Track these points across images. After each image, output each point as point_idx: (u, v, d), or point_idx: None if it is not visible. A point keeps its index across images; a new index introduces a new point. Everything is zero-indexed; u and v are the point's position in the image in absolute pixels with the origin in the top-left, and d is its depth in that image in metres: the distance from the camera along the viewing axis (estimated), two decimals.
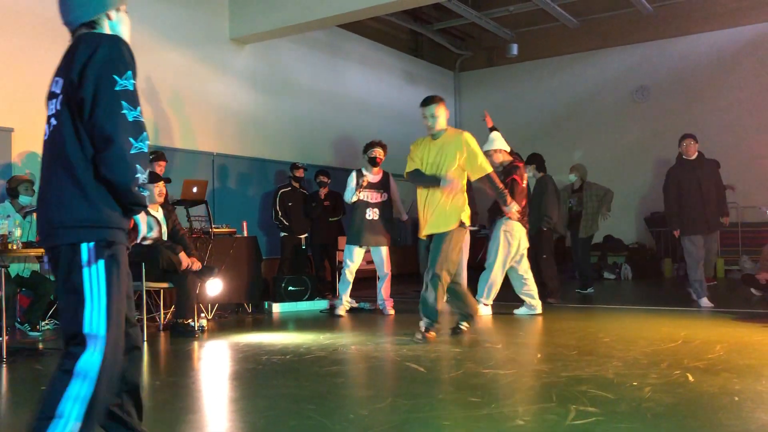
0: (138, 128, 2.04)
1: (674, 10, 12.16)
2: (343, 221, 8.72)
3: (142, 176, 2.04)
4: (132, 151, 2.01)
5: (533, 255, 6.92)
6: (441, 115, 5.06)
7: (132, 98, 2.03)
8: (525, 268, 6.42)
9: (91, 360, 2.01)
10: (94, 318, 2.02)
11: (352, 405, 3.28)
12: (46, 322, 5.97)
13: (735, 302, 7.26)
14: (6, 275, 5.46)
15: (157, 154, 7.07)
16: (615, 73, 12.76)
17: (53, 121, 2.11)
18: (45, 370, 4.29)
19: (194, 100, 8.83)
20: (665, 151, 11.15)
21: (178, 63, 8.62)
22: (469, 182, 5.25)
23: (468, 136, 5.07)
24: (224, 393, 3.63)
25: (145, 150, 2.07)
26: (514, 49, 13.06)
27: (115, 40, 2.09)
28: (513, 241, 6.29)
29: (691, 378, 3.54)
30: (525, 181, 6.50)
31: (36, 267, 5.86)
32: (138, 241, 5.51)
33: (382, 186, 6.85)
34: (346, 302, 6.87)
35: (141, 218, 5.56)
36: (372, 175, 6.82)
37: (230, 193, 9.21)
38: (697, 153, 6.99)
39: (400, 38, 13.58)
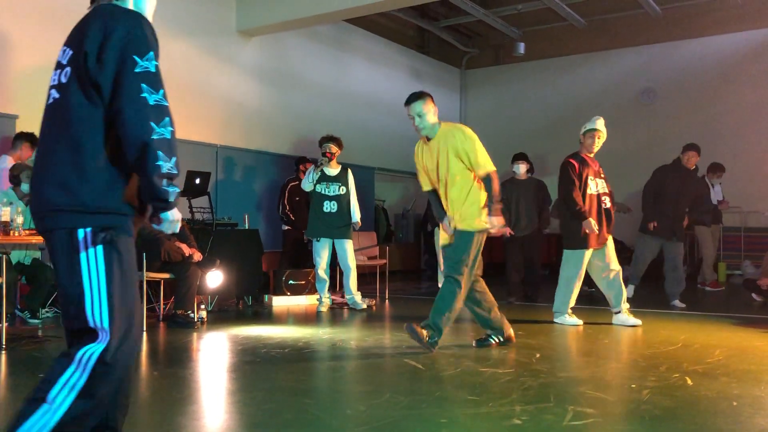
0: (159, 113, 1.92)
1: (683, 13, 12.11)
2: None
3: (165, 165, 1.90)
4: (153, 137, 1.89)
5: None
6: (429, 111, 4.45)
7: (153, 80, 1.92)
8: None
9: (92, 350, 1.88)
10: (95, 309, 1.89)
11: (349, 400, 3.28)
12: (47, 309, 5.98)
13: (736, 307, 7.25)
14: (7, 262, 5.47)
15: None
16: (621, 74, 12.71)
17: (54, 94, 1.99)
18: (44, 357, 4.30)
19: (199, 91, 8.81)
20: (669, 154, 11.12)
21: (184, 54, 8.60)
22: None
23: (461, 131, 4.42)
24: (222, 385, 3.63)
25: (168, 136, 1.94)
26: (521, 47, 13.01)
27: (136, 18, 1.96)
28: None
29: (689, 381, 3.53)
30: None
31: (37, 254, 5.86)
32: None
33: (339, 179, 6.90)
34: (326, 299, 6.87)
35: (174, 215, 5.48)
36: (330, 168, 6.89)
37: (233, 185, 9.20)
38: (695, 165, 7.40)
39: (407, 34, 13.55)
